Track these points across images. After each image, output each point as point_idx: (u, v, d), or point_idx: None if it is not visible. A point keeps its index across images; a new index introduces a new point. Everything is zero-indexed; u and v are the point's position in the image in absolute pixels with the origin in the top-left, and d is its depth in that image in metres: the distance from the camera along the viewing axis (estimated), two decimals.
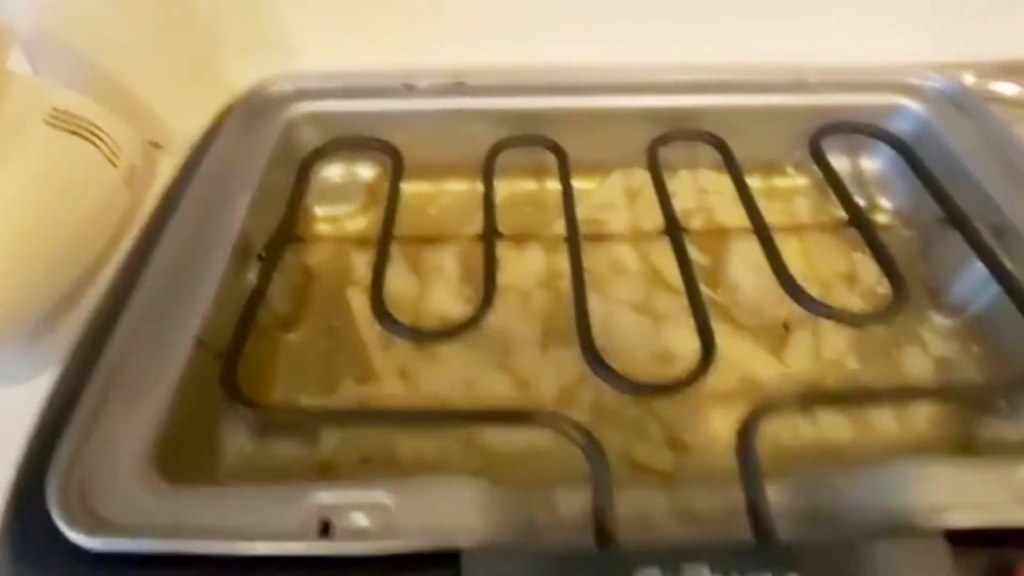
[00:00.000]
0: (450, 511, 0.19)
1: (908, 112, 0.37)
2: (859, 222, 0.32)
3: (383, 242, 0.29)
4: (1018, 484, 0.20)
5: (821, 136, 0.36)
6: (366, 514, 0.19)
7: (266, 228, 0.30)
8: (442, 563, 0.18)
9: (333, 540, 0.19)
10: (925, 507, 0.20)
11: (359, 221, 0.35)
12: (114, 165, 0.38)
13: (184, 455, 0.22)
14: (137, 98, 0.41)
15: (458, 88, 0.36)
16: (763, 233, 0.31)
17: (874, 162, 0.39)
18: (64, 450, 0.20)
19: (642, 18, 0.38)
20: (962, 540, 0.19)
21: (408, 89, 0.36)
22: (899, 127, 0.37)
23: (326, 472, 0.25)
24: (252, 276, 0.28)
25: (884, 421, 0.28)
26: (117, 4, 0.38)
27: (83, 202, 0.35)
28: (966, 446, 0.27)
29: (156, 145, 0.41)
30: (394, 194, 0.32)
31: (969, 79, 0.49)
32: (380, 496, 0.20)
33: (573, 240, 0.30)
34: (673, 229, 0.31)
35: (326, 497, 0.20)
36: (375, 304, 0.27)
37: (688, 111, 0.36)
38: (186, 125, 0.41)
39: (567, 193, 0.32)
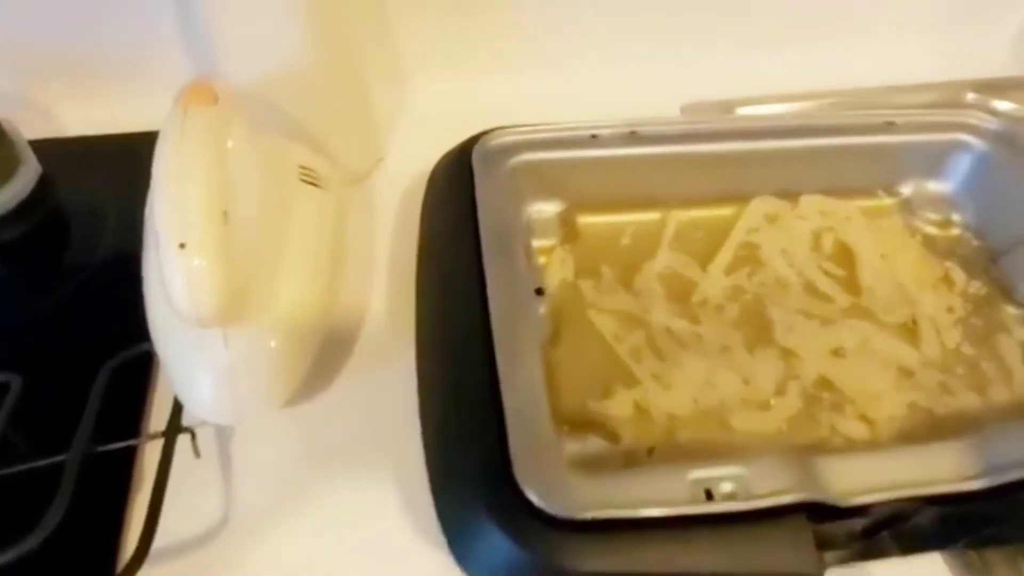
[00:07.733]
0: (792, 477, 0.28)
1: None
2: None
3: None
4: None
5: None
6: (732, 482, 0.27)
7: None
8: (794, 512, 0.27)
9: (716, 502, 0.27)
10: None
11: (565, 250, 0.43)
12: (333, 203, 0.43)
13: None
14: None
15: (632, 138, 0.44)
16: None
17: (944, 185, 0.49)
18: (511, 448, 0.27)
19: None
20: None
21: (593, 139, 0.43)
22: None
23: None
24: None
25: None
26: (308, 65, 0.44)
27: (330, 241, 0.41)
28: None
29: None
30: None
31: (970, 96, 0.62)
32: (736, 470, 0.28)
33: None
34: None
35: (698, 473, 0.28)
36: None
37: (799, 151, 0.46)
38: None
39: None
